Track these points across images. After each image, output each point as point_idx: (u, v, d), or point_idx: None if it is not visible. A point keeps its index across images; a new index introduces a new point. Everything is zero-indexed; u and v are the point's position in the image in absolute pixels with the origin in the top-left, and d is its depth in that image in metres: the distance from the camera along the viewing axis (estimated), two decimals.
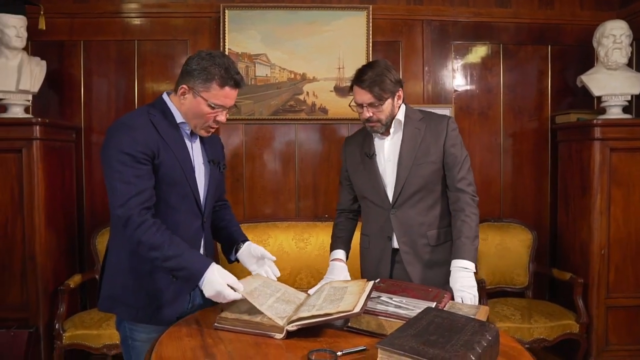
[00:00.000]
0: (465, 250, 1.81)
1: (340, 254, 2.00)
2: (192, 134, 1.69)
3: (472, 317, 1.43)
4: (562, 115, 3.41)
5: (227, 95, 1.60)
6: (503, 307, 3.02)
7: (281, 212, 3.48)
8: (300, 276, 3.24)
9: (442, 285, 1.80)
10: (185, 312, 1.67)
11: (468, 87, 3.53)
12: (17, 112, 2.93)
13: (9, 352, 2.66)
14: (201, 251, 1.73)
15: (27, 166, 2.78)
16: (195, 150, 1.70)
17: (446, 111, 3.46)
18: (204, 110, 1.59)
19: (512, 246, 3.33)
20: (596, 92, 3.15)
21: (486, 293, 2.96)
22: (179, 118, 1.65)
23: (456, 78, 3.52)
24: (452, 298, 1.72)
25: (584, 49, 3.43)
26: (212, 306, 1.69)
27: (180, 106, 1.64)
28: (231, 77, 1.58)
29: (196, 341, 1.39)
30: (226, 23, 3.33)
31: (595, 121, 3.06)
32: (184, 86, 1.59)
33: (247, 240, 1.83)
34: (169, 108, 1.65)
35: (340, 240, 2.06)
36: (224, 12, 3.32)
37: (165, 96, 1.68)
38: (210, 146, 1.77)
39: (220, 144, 1.87)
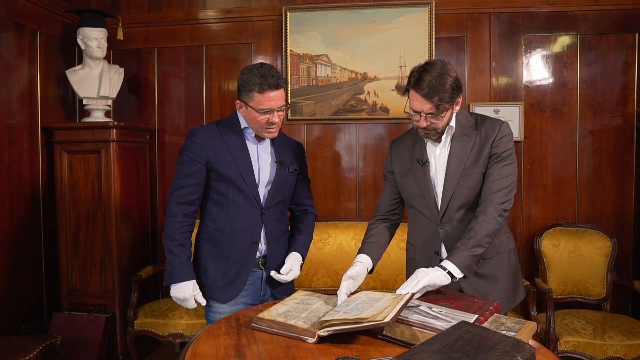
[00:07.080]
0: (455, 254, 1.67)
1: (363, 258, 1.82)
2: (261, 139, 1.93)
3: (512, 334, 1.36)
4: None
5: (270, 98, 1.78)
6: (573, 320, 2.80)
7: (342, 212, 3.50)
8: None
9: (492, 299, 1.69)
10: (258, 302, 1.94)
11: (540, 83, 3.29)
12: (98, 116, 3.21)
13: (89, 334, 2.94)
14: (262, 239, 1.93)
15: (105, 166, 3.04)
16: (262, 152, 1.94)
17: (516, 109, 3.28)
18: (256, 117, 1.81)
19: (587, 254, 3.07)
20: None
21: (554, 303, 2.75)
22: (244, 124, 1.92)
23: (527, 73, 3.29)
24: (499, 311, 1.63)
25: None
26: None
27: (243, 118, 1.91)
28: (267, 82, 1.75)
29: (232, 340, 1.44)
30: (288, 25, 3.40)
31: None
32: (238, 101, 1.86)
33: (294, 252, 1.98)
34: (237, 118, 1.93)
35: (368, 247, 1.87)
36: (286, 15, 3.39)
37: (237, 111, 1.96)
38: (284, 150, 1.98)
39: (298, 150, 2.07)
